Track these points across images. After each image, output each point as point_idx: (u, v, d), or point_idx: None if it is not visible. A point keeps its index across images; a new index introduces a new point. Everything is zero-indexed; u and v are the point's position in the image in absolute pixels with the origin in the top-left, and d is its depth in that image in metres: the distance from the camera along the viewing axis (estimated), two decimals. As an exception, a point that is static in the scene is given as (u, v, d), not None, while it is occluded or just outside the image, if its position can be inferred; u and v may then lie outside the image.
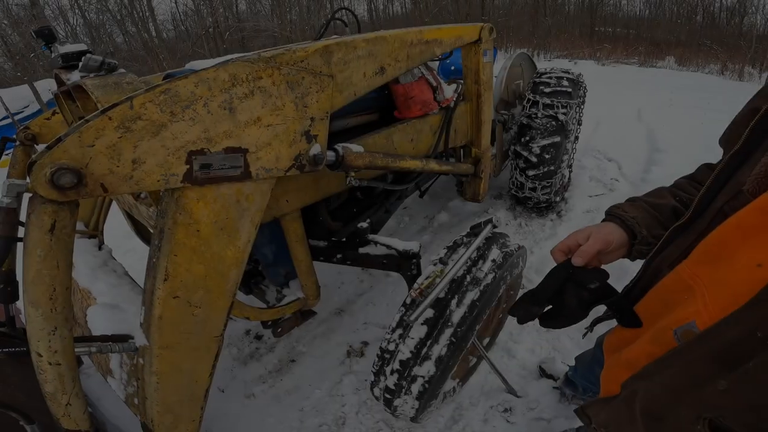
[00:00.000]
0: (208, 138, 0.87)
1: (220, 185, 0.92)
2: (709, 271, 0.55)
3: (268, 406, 1.85)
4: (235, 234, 0.99)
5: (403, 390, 1.33)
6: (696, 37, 13.26)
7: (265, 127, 0.97)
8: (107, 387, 1.78)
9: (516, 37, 14.23)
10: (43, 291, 0.78)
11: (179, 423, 1.12)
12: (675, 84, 7.51)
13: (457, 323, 1.29)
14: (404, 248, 1.50)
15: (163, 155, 0.81)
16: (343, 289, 2.52)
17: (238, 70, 0.91)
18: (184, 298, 0.96)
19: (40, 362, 0.84)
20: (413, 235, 3.03)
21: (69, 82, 1.07)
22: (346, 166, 1.25)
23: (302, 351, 2.12)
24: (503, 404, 1.74)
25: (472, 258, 1.40)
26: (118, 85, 1.01)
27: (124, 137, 0.76)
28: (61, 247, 0.76)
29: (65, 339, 0.84)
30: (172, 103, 0.81)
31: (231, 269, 1.02)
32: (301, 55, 1.04)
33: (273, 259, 1.52)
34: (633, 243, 0.77)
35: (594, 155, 4.03)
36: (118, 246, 2.72)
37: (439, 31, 1.62)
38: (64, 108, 1.21)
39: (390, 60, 1.37)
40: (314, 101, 1.08)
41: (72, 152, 0.70)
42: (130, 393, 1.22)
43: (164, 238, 0.89)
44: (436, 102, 1.83)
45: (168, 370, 1.03)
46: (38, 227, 0.73)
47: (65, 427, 0.94)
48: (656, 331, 0.61)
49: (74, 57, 1.09)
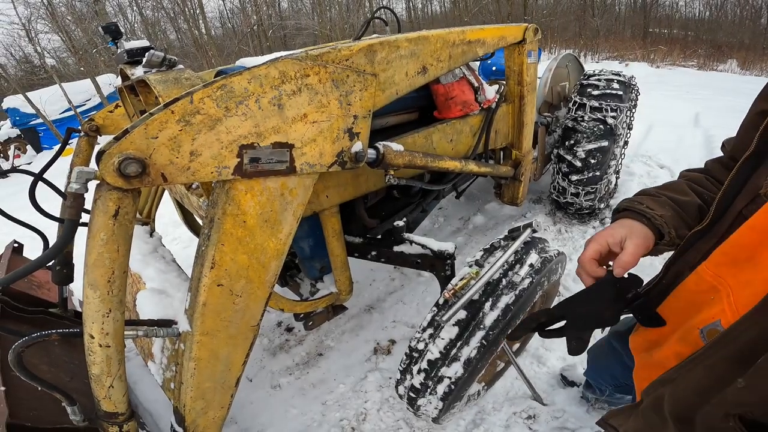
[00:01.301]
0: (258, 133, 0.90)
1: (267, 179, 0.95)
2: (733, 272, 0.55)
3: (293, 397, 1.90)
4: (277, 226, 1.03)
5: (429, 390, 1.33)
6: (761, 40, 12.34)
7: (310, 123, 0.99)
8: (145, 371, 1.90)
9: (561, 38, 13.75)
10: (102, 274, 0.82)
11: (209, 409, 1.16)
12: (737, 88, 7.00)
13: (489, 326, 1.27)
14: (439, 248, 1.49)
15: (217, 148, 0.85)
16: (374, 286, 2.54)
17: (287, 67, 0.94)
18: (227, 287, 1.00)
19: (91, 344, 0.88)
20: (448, 236, 3.01)
21: (133, 77, 1.15)
22: (386, 165, 1.26)
23: (330, 345, 2.16)
24: (527, 411, 1.70)
25: (509, 261, 1.37)
26: (178, 80, 1.07)
27: (184, 130, 0.80)
28: (122, 233, 0.81)
29: (117, 322, 0.89)
30: (227, 99, 0.85)
31: (272, 261, 1.06)
32: (346, 53, 1.06)
33: (310, 253, 1.55)
34: (657, 243, 0.73)
35: (644, 161, 3.84)
36: (166, 234, 2.88)
37: (482, 31, 1.59)
38: (127, 101, 1.30)
39: (432, 60, 1.36)
40: (357, 99, 1.10)
41: (138, 143, 0.76)
42: (167, 378, 1.27)
43: (213, 228, 0.93)
44: (477, 103, 1.80)
45: (206, 356, 1.07)
46: (103, 212, 0.78)
47: (104, 410, 0.98)
48: (684, 332, 0.62)
49: (138, 53, 1.17)
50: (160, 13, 18.09)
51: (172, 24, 18.56)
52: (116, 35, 1.33)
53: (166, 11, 17.56)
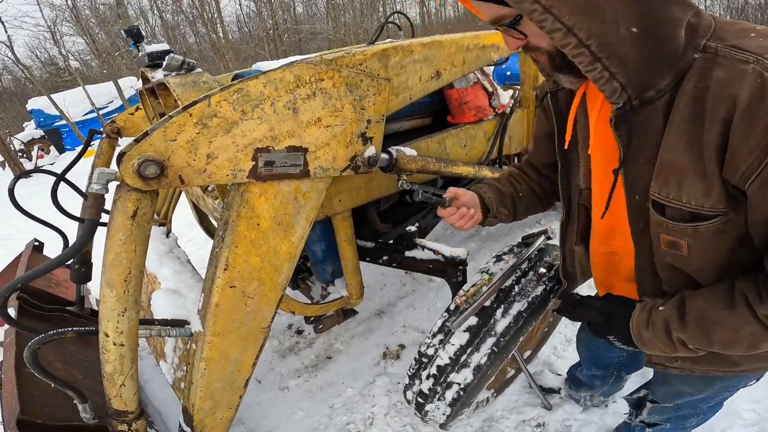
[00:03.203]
0: (273, 136, 0.91)
1: (281, 182, 0.96)
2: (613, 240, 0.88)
3: (300, 400, 1.90)
4: (290, 229, 1.03)
5: (437, 395, 1.32)
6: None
7: (324, 127, 1.00)
8: (156, 370, 1.92)
9: (576, 42, 13.55)
10: (119, 273, 0.84)
11: (217, 409, 1.17)
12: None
13: (500, 333, 1.25)
14: (451, 254, 1.48)
15: (233, 151, 0.86)
16: (385, 290, 2.53)
17: (302, 71, 0.95)
18: (240, 288, 1.01)
19: (106, 342, 0.90)
20: (460, 242, 2.99)
21: (153, 80, 1.17)
22: (399, 169, 1.26)
23: (339, 349, 2.16)
24: (536, 419, 1.67)
25: (522, 269, 1.36)
26: (196, 83, 1.09)
27: (202, 133, 0.82)
28: (140, 233, 0.83)
29: (132, 321, 0.90)
30: (243, 102, 0.86)
31: (284, 263, 1.07)
32: (360, 58, 1.07)
33: (322, 257, 1.56)
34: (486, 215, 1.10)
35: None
36: (181, 235, 2.92)
37: (496, 35, 1.58)
38: (147, 104, 1.33)
39: (446, 65, 1.36)
40: (371, 104, 1.10)
41: (157, 145, 0.77)
42: (178, 377, 1.28)
43: (227, 230, 0.95)
44: (491, 108, 1.79)
45: (216, 357, 1.08)
46: (122, 213, 0.80)
47: (114, 408, 1.00)
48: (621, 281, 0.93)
49: (159, 56, 1.19)
50: (180, 17, 18.55)
51: (191, 28, 19.00)
52: (138, 38, 1.36)
53: (186, 15, 18.00)
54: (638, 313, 0.78)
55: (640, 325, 0.77)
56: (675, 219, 0.67)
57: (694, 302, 0.70)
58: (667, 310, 0.73)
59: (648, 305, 0.77)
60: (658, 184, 0.66)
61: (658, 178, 0.66)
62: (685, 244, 0.68)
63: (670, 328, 0.72)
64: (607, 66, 0.58)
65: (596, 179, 0.85)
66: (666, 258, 0.74)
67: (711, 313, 0.67)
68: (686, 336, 0.70)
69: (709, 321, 0.67)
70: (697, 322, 0.68)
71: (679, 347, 0.73)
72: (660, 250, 0.74)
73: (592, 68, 0.59)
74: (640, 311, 0.78)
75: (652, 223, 0.72)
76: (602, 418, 1.63)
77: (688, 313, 0.70)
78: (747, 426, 1.51)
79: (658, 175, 0.66)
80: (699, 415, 1.13)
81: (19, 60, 11.01)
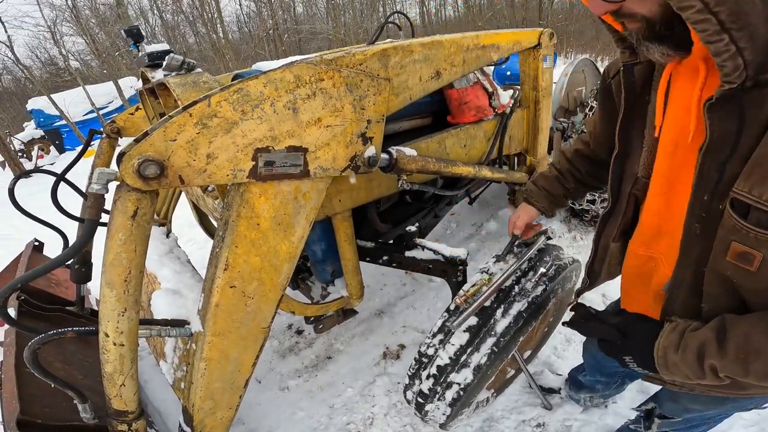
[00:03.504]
0: (273, 136, 0.91)
1: (281, 182, 0.96)
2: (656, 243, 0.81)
3: (300, 400, 1.90)
4: (290, 229, 1.03)
5: (437, 395, 1.32)
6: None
7: (324, 127, 1.00)
8: (156, 370, 1.92)
9: (577, 43, 13.61)
10: (119, 273, 0.84)
11: (217, 409, 1.17)
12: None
13: (500, 333, 1.25)
14: (451, 254, 1.48)
15: (233, 151, 0.86)
16: (385, 291, 2.53)
17: (302, 71, 0.94)
18: (240, 288, 1.01)
19: (106, 342, 0.90)
20: (460, 242, 2.99)
21: (153, 80, 1.17)
22: (399, 169, 1.26)
23: (339, 349, 2.16)
24: (536, 419, 1.68)
25: (522, 269, 1.35)
26: (196, 83, 1.09)
27: (202, 133, 0.82)
28: (140, 233, 0.83)
29: (132, 321, 0.90)
30: (243, 102, 0.86)
31: (284, 263, 1.07)
32: (360, 58, 1.06)
33: (322, 257, 1.56)
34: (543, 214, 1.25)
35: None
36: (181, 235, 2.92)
37: (496, 35, 1.58)
38: (147, 104, 1.33)
39: (446, 65, 1.36)
40: (371, 104, 1.10)
41: (157, 145, 0.77)
42: (178, 377, 1.28)
43: (227, 230, 0.95)
44: (491, 108, 1.79)
45: (216, 357, 1.08)
46: (122, 213, 0.80)
47: (114, 408, 0.99)
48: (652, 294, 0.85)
49: (159, 56, 1.19)
50: (180, 17, 18.56)
51: (191, 28, 19.00)
52: (138, 38, 1.36)
53: (186, 15, 18.00)
54: (667, 333, 0.70)
55: (669, 347, 0.69)
56: (761, 225, 0.57)
57: (738, 328, 0.62)
58: (703, 334, 0.65)
59: (680, 326, 0.69)
60: (751, 182, 0.56)
61: (753, 174, 0.56)
62: (760, 258, 0.59)
63: (704, 354, 0.64)
64: (735, 39, 0.49)
65: (659, 168, 0.75)
66: (726, 271, 0.64)
67: (756, 343, 0.60)
68: (721, 363, 0.63)
69: (752, 350, 0.60)
70: (737, 350, 0.61)
71: (707, 375, 0.65)
72: (722, 262, 0.64)
73: (716, 39, 0.50)
74: (671, 331, 0.70)
75: (723, 229, 0.62)
76: (602, 419, 1.63)
77: (730, 339, 0.62)
78: (747, 426, 1.51)
79: (753, 171, 0.56)
80: (710, 423, 1.10)
81: (19, 60, 11.00)
